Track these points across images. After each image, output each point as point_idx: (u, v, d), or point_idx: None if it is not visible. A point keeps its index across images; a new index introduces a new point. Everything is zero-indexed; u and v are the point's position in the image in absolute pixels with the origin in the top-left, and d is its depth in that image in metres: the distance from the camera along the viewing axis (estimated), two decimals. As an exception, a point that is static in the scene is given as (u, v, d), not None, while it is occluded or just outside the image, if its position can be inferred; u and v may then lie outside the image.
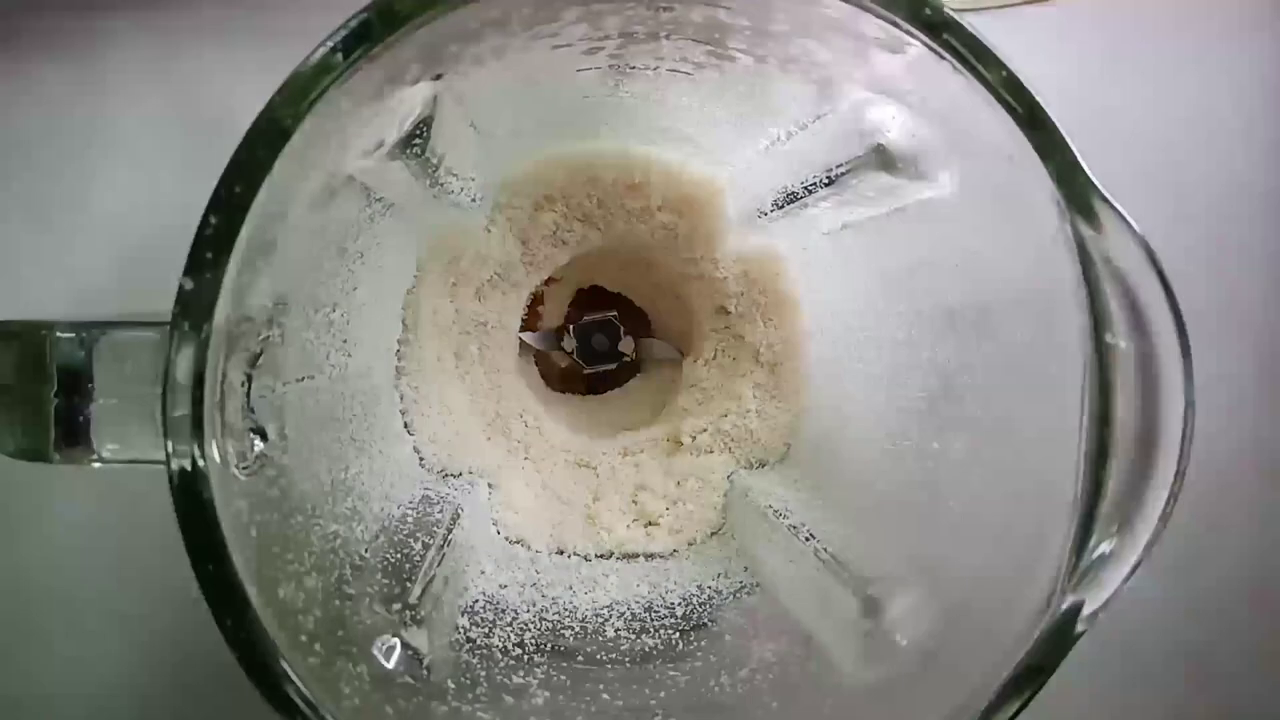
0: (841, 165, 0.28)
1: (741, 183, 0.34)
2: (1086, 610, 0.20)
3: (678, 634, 0.30)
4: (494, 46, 0.23)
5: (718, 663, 0.28)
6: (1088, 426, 0.20)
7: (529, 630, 0.30)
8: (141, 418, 0.20)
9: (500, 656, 0.28)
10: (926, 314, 0.28)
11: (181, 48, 0.36)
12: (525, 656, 0.29)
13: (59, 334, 0.21)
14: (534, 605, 0.31)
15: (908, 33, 0.20)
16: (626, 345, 0.39)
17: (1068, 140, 0.20)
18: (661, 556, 0.35)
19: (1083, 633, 0.20)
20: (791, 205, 0.31)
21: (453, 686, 0.25)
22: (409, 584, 0.27)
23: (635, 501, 0.36)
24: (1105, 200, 0.19)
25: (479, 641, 0.28)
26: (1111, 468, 0.20)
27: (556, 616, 0.31)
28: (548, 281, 0.38)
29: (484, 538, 0.33)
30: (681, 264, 0.35)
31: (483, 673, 0.27)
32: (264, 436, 0.22)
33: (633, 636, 0.30)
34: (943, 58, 0.20)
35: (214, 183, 0.19)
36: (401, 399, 0.34)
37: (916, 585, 0.25)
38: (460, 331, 0.36)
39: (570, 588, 0.33)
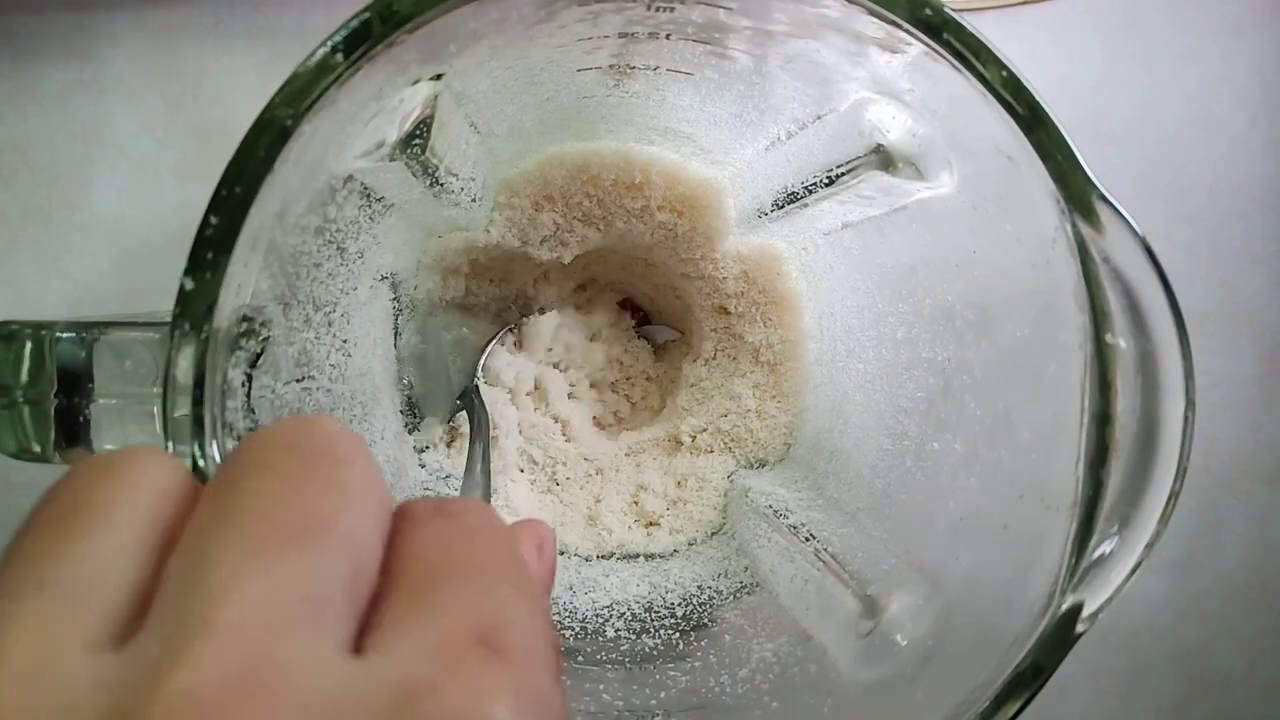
0: (842, 165, 0.28)
1: (741, 182, 0.34)
2: (1087, 610, 0.20)
3: (678, 634, 0.30)
4: (494, 46, 0.23)
5: (718, 663, 0.28)
6: (1088, 426, 0.20)
7: (529, 630, 0.30)
8: (141, 418, 0.20)
9: (500, 657, 0.28)
10: (926, 314, 0.28)
11: (181, 47, 0.36)
12: (525, 656, 0.29)
13: (59, 334, 0.21)
14: (534, 605, 0.31)
15: (907, 32, 0.20)
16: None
17: (1068, 139, 0.20)
18: (662, 557, 0.35)
19: (1083, 633, 0.20)
20: (792, 205, 0.30)
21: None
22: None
23: (636, 502, 0.36)
24: (1105, 199, 0.19)
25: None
26: (1111, 468, 0.20)
27: (556, 617, 0.31)
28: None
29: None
30: (681, 264, 0.35)
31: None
32: (264, 436, 0.22)
33: (633, 637, 0.30)
34: (942, 57, 0.20)
35: (213, 183, 0.19)
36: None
37: (916, 585, 0.25)
38: (460, 331, 0.36)
39: (570, 588, 0.33)
